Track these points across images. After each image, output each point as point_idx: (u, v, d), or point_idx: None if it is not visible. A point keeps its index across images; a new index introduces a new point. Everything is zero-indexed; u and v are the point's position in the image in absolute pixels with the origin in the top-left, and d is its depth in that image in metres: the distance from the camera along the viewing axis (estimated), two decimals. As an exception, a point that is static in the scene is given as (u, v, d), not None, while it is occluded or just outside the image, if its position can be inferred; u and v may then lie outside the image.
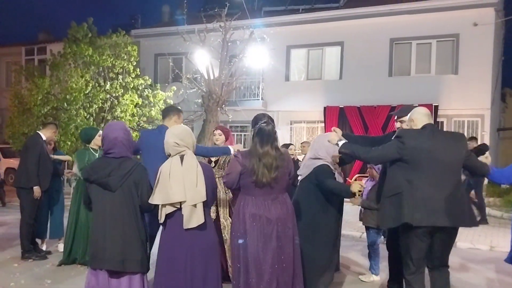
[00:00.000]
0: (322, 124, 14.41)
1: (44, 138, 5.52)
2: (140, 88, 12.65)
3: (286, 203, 3.18)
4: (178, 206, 2.79)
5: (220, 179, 4.27)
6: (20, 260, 5.32)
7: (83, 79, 11.52)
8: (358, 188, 3.40)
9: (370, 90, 13.64)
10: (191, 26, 12.69)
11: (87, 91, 11.51)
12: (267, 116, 3.25)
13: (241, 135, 15.67)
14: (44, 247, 5.76)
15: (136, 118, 12.43)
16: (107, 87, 12.03)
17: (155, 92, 13.02)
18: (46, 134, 5.59)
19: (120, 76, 12.34)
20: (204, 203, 2.83)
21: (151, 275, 3.12)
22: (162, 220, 2.85)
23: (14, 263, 5.22)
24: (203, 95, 11.26)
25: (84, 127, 9.79)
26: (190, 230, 2.78)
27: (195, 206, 2.78)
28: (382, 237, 4.88)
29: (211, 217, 3.57)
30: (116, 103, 12.11)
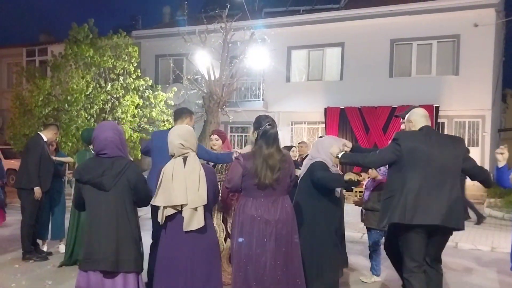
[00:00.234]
0: (323, 125, 14.41)
1: (45, 139, 5.52)
2: (141, 89, 12.65)
3: (287, 205, 3.18)
4: (179, 208, 2.79)
5: (219, 183, 4.25)
6: (21, 261, 5.32)
7: (84, 80, 11.51)
8: (352, 176, 3.39)
9: (371, 91, 13.64)
10: (192, 27, 12.68)
11: (88, 92, 11.51)
12: (270, 117, 3.26)
13: (241, 136, 15.67)
14: (45, 248, 5.76)
15: (137, 119, 12.43)
16: (108, 88, 12.02)
17: (156, 93, 13.01)
18: (47, 135, 5.59)
19: (121, 77, 12.32)
20: (205, 206, 2.83)
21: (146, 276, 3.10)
22: (163, 222, 2.85)
23: (15, 264, 5.23)
24: (203, 96, 11.25)
25: (85, 128, 9.79)
26: (190, 232, 2.78)
27: (195, 209, 2.78)
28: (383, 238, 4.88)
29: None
30: (117, 104, 12.11)
